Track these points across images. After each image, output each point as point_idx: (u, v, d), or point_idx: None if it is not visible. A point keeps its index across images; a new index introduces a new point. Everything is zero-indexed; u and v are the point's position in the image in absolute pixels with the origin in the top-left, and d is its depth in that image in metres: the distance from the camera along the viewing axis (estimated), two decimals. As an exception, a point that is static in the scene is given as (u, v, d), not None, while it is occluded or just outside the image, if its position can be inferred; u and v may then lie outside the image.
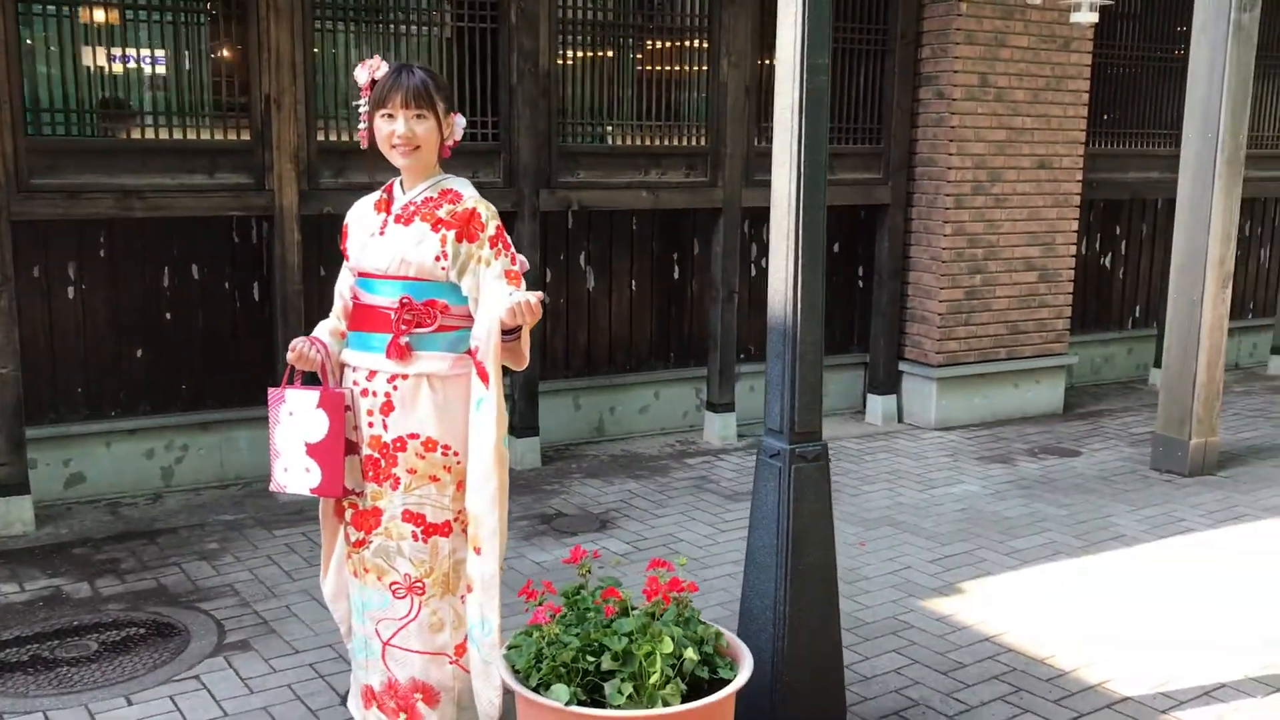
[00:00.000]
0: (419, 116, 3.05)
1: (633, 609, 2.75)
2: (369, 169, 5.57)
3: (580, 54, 6.17)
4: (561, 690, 2.59)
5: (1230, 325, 8.70)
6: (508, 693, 2.87)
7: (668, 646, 2.61)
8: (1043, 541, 5.15)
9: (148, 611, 4.34)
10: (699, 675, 2.71)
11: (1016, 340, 7.39)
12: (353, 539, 3.20)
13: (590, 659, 2.65)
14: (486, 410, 3.00)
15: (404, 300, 3.03)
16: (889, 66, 7.00)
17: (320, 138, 5.53)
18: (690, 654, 2.65)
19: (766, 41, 6.61)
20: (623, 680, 2.61)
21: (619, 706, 2.56)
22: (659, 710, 2.57)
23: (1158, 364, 8.57)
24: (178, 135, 5.28)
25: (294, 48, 5.36)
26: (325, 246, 5.83)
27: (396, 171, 3.21)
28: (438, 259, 3.02)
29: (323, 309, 5.73)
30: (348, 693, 3.69)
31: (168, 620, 4.26)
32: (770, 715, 3.00)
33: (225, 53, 5.36)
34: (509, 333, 2.94)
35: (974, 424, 7.27)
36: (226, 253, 5.74)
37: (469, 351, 3.06)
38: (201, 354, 5.75)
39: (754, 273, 7.05)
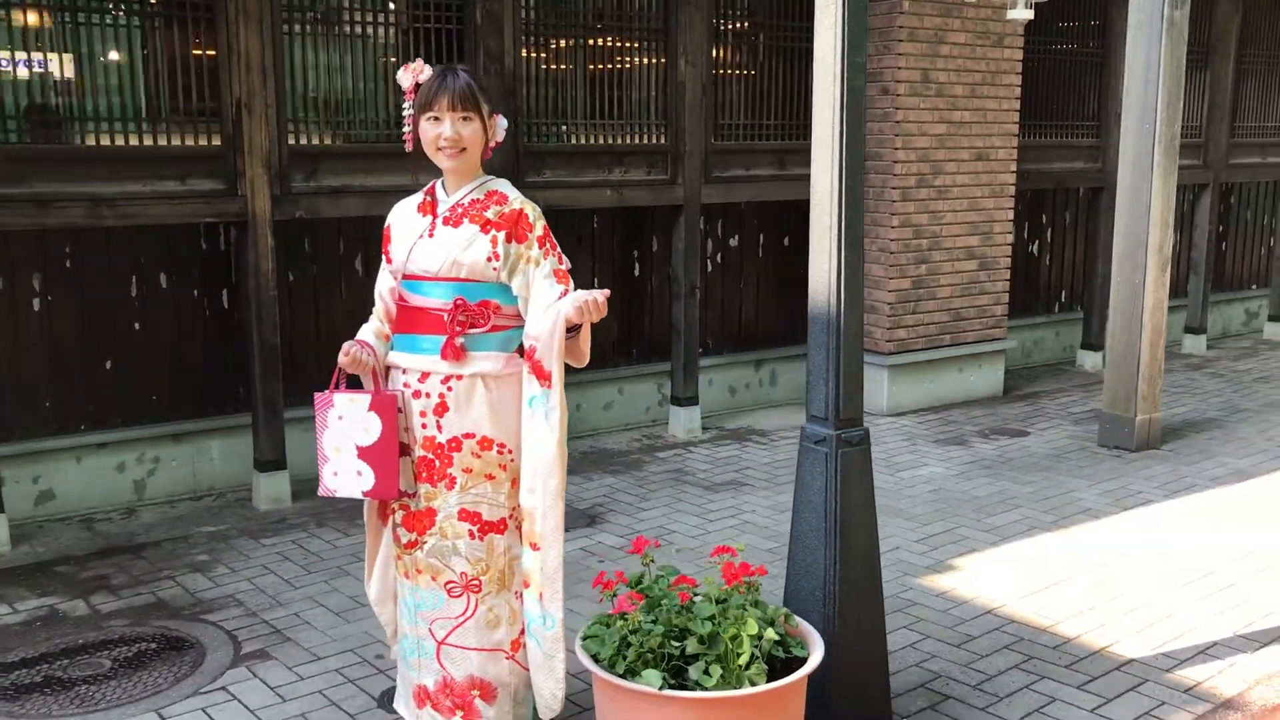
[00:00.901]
0: (465, 119, 3.08)
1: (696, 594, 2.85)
2: (341, 172, 5.59)
3: (543, 55, 6.21)
4: (653, 675, 2.66)
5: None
6: (576, 680, 2.94)
7: (752, 628, 2.71)
8: (1017, 518, 5.38)
9: (153, 626, 4.27)
10: (774, 655, 2.81)
11: (960, 327, 7.66)
12: (404, 540, 3.22)
13: (674, 644, 2.73)
14: (542, 407, 3.05)
15: (458, 302, 3.07)
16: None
17: (291, 141, 5.47)
18: (770, 634, 2.75)
19: (721, 41, 6.74)
20: (709, 663, 2.70)
21: (710, 688, 2.64)
22: (748, 690, 2.66)
23: (1085, 346, 8.98)
24: (148, 142, 5.17)
25: (263, 51, 5.29)
26: (292, 252, 5.78)
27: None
28: (489, 260, 3.06)
29: (293, 314, 5.73)
30: (384, 694, 3.72)
31: (177, 634, 4.20)
32: (824, 690, 3.11)
33: (195, 57, 5.27)
34: (569, 330, 3.00)
35: (923, 408, 7.51)
36: (194, 260, 5.64)
37: (521, 350, 3.11)
38: (171, 364, 5.64)
39: (709, 268, 7.18)
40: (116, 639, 4.16)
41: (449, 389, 3.10)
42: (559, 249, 3.16)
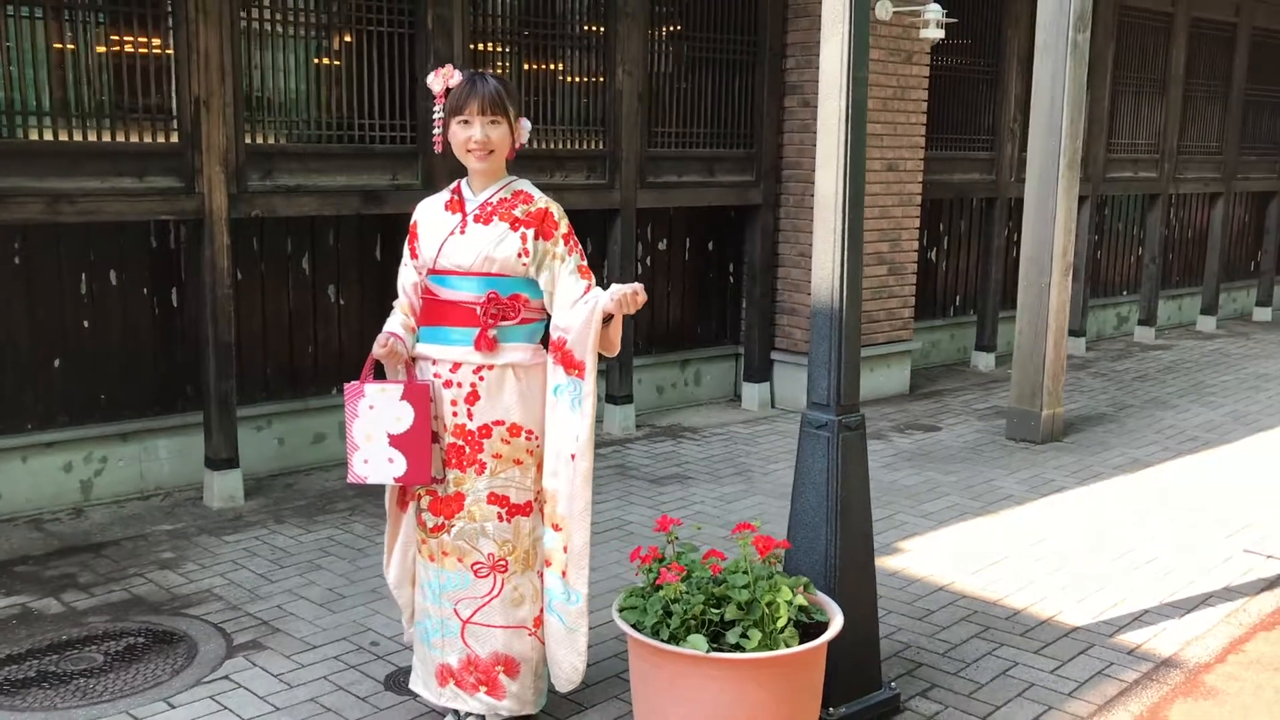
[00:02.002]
0: (493, 122, 3.24)
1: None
2: (296, 171, 5.64)
3: (490, 61, 6.34)
4: (699, 639, 2.87)
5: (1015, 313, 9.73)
6: (591, 652, 3.12)
7: (787, 595, 2.94)
8: (947, 504, 5.75)
9: (135, 621, 4.28)
10: (800, 620, 3.05)
11: (871, 329, 8.05)
12: (431, 525, 3.35)
13: (714, 611, 2.94)
14: (568, 395, 3.23)
15: (491, 295, 3.22)
16: (759, 77, 7.50)
17: (248, 140, 5.50)
18: (800, 600, 2.99)
19: (656, 52, 6.98)
20: (747, 627, 2.92)
21: (751, 650, 2.87)
22: (785, 651, 2.89)
23: (979, 347, 9.51)
24: (107, 138, 5.14)
25: (222, 49, 5.32)
26: (241, 250, 5.79)
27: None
28: (520, 255, 3.23)
29: (241, 312, 5.73)
30: (389, 678, 3.83)
31: (162, 628, 4.22)
32: (827, 658, 3.36)
33: (154, 53, 5.26)
34: (605, 321, 3.19)
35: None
36: (144, 258, 5.62)
37: (549, 341, 3.29)
38: (120, 362, 5.60)
39: (640, 271, 7.40)
40: (100, 634, 4.16)
41: (480, 378, 3.26)
42: (580, 246, 3.35)
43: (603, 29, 6.72)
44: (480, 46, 6.27)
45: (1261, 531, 5.39)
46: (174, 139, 5.30)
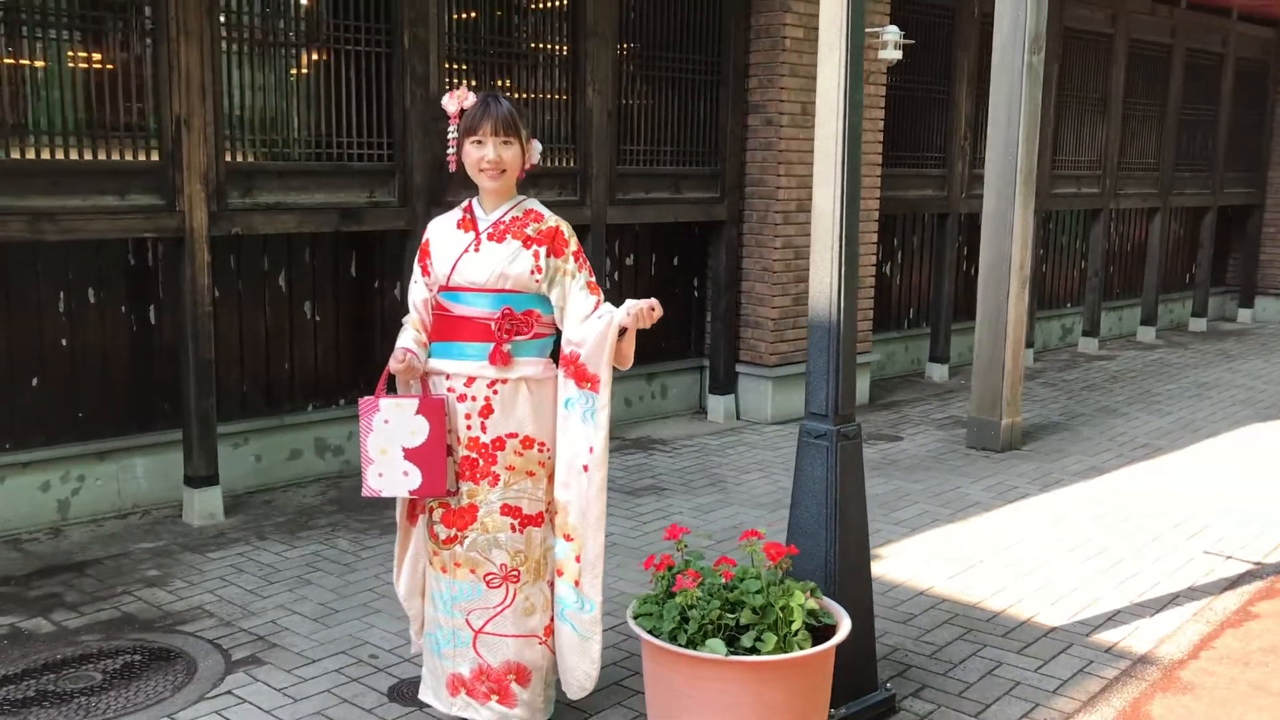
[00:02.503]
0: (506, 143, 3.33)
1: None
2: (276, 189, 5.67)
3: (464, 80, 6.42)
4: (717, 644, 2.97)
5: (968, 324, 9.99)
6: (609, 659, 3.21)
7: (799, 599, 3.05)
8: (918, 512, 5.91)
9: (129, 639, 4.28)
10: (809, 624, 3.16)
11: (833, 341, 8.21)
12: (443, 536, 3.42)
13: (730, 616, 3.04)
14: (579, 408, 3.32)
15: (506, 311, 3.31)
16: (723, 96, 7.65)
17: (228, 158, 5.52)
18: (811, 604, 3.10)
19: (624, 71, 7.10)
20: (761, 631, 3.03)
21: (768, 652, 2.97)
22: (799, 653, 3.00)
23: (932, 359, 9.73)
24: (89, 156, 5.13)
25: (203, 69, 5.34)
26: (219, 268, 5.80)
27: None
28: (533, 272, 3.32)
29: (219, 330, 5.73)
30: (393, 689, 3.88)
31: (158, 645, 4.23)
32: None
33: (136, 72, 5.26)
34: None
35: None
36: (123, 276, 5.61)
37: (560, 356, 3.38)
38: (98, 380, 5.58)
39: (608, 286, 7.50)
40: (95, 653, 4.16)
41: (495, 392, 3.34)
42: (589, 263, 3.45)
43: (573, 48, 6.82)
44: (456, 65, 6.34)
45: (1218, 533, 5.62)
46: (155, 157, 5.31)
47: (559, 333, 3.44)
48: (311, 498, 6.00)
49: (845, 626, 3.19)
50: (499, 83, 6.57)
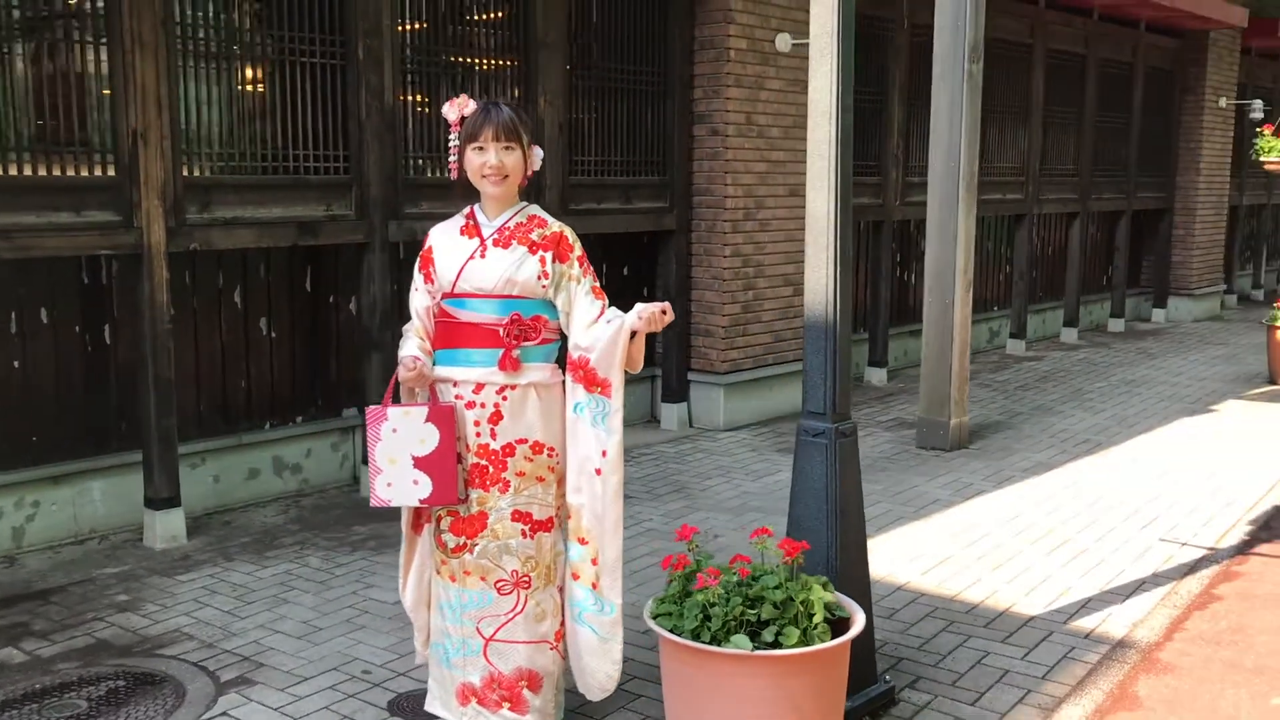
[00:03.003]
0: (507, 149, 3.34)
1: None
2: (233, 204, 5.58)
3: (417, 94, 6.39)
4: (743, 639, 3.00)
5: (906, 328, 10.21)
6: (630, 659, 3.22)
7: (819, 593, 3.10)
8: (882, 510, 6.02)
9: (109, 665, 4.16)
10: (825, 617, 3.21)
11: (781, 347, 8.33)
12: (452, 545, 3.40)
13: (752, 612, 3.08)
14: (589, 412, 3.34)
15: (514, 317, 3.31)
16: (669, 107, 7.73)
17: (185, 173, 5.41)
18: (829, 597, 3.15)
19: (574, 82, 7.12)
20: (783, 625, 3.07)
21: (792, 646, 3.01)
22: (822, 645, 3.05)
23: (871, 363, 9.90)
24: (42, 172, 5.00)
25: (159, 80, 5.24)
26: (174, 285, 5.67)
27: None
28: (540, 278, 3.33)
29: (182, 347, 5.62)
30: (393, 703, 3.84)
31: (141, 670, 4.12)
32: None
33: (91, 85, 5.14)
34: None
35: (754, 423, 8.12)
36: (76, 295, 5.47)
37: (568, 361, 3.39)
38: (52, 402, 5.43)
39: (560, 297, 7.50)
40: (75, 681, 4.04)
41: (504, 398, 3.33)
42: (593, 269, 3.47)
43: (524, 60, 6.83)
44: (410, 77, 6.31)
45: (1169, 522, 5.81)
46: (111, 172, 5.19)
47: (563, 338, 3.45)
48: (273, 517, 5.89)
49: (860, 618, 3.24)
50: (448, 96, 6.54)
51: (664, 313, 3.22)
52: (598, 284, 3.44)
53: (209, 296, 5.91)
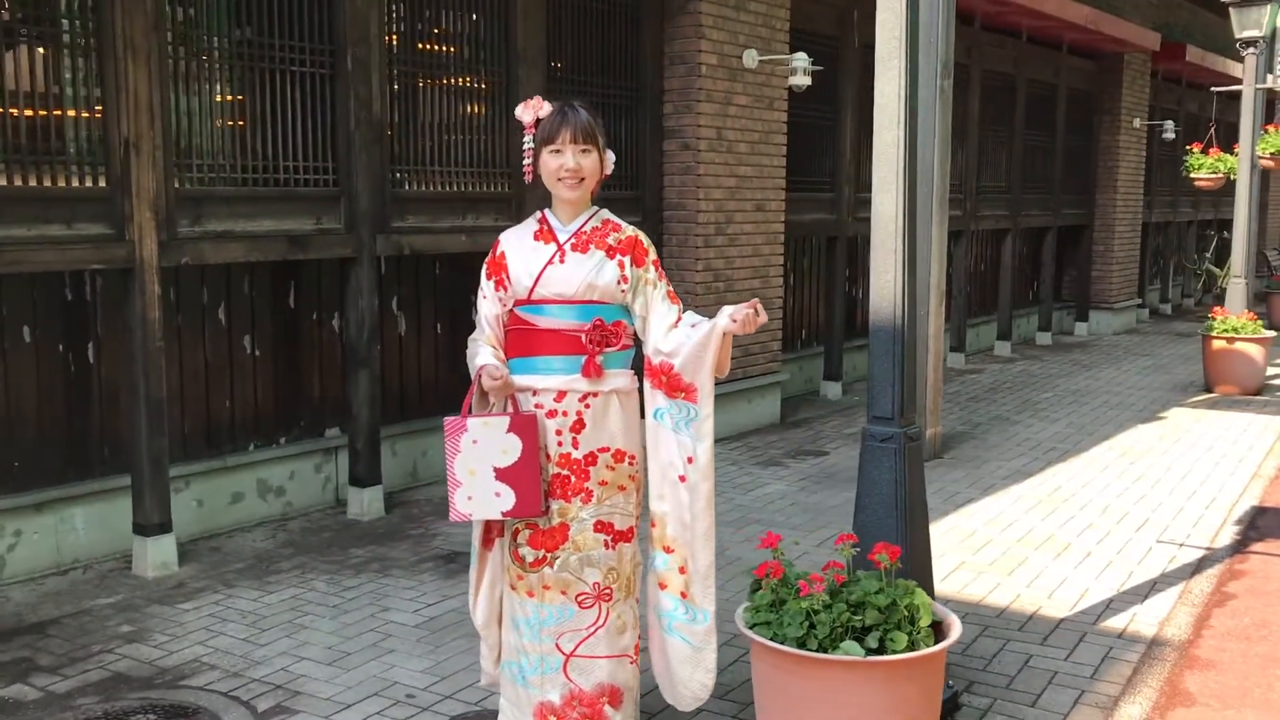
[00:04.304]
0: (584, 151, 3.29)
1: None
2: (224, 216, 5.39)
3: (405, 104, 6.25)
4: (854, 646, 2.97)
5: (859, 343, 10.34)
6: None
7: (923, 598, 3.09)
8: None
9: (133, 700, 3.95)
10: (918, 621, 3.20)
11: (748, 362, 8.35)
12: (530, 559, 3.30)
13: (857, 618, 3.05)
14: (670, 419, 3.28)
15: (597, 322, 3.24)
16: (641, 121, 7.71)
17: (176, 184, 5.21)
18: (928, 601, 3.14)
19: (552, 97, 7.03)
20: (887, 630, 3.04)
21: (901, 650, 2.99)
22: (930, 649, 3.04)
23: (827, 377, 9.99)
24: (33, 183, 4.75)
25: (151, 89, 5.03)
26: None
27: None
28: (619, 283, 3.27)
29: (167, 367, 5.38)
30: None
31: (169, 702, 3.92)
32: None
33: (81, 93, 4.91)
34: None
35: (725, 437, 8.10)
36: (60, 312, 5.21)
37: (648, 366, 3.33)
38: (34, 426, 5.15)
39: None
40: (101, 716, 3.83)
41: (586, 406, 3.25)
42: (665, 273, 3.41)
43: (505, 72, 6.74)
44: (396, 89, 6.18)
45: (1160, 524, 5.96)
46: (102, 183, 4.96)
47: (639, 343, 3.39)
48: (262, 542, 5.68)
49: (956, 622, 3.24)
50: (444, 108, 6.43)
51: (756, 314, 3.18)
52: (672, 288, 3.38)
53: (193, 313, 5.69)
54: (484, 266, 3.42)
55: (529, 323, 3.29)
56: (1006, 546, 5.58)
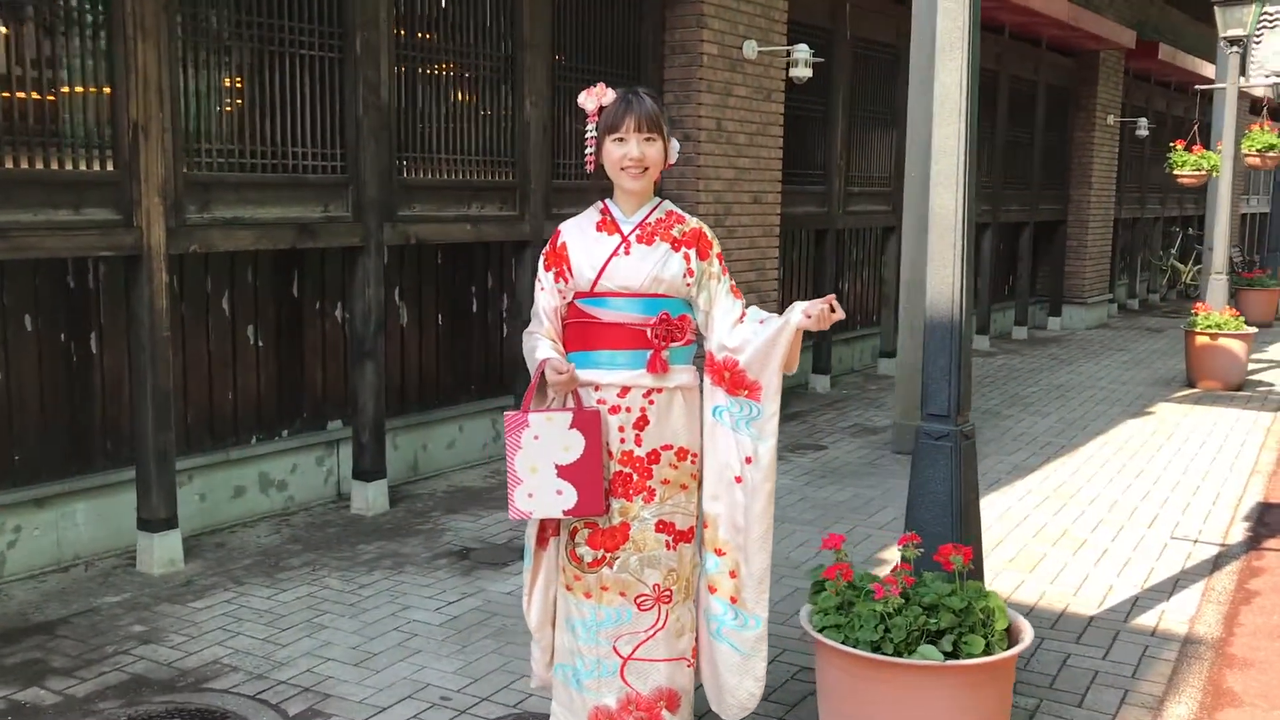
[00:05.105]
0: (649, 140, 3.19)
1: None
2: (233, 203, 5.23)
3: (413, 89, 6.11)
4: (932, 650, 2.91)
5: (847, 335, 10.34)
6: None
7: (998, 600, 3.03)
8: (891, 516, 6.01)
9: (157, 703, 3.81)
10: (984, 623, 3.14)
11: (743, 355, 8.27)
12: (589, 559, 3.21)
13: (932, 621, 2.99)
14: (733, 418, 3.21)
15: (663, 316, 3.15)
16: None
17: (184, 169, 5.04)
18: (1002, 604, 3.09)
19: (556, 85, 6.93)
20: (963, 633, 2.99)
21: (979, 654, 2.93)
22: (1006, 653, 2.99)
23: (815, 370, 9.96)
24: (40, 165, 4.57)
25: (160, 70, 4.86)
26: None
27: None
28: (685, 275, 3.19)
29: (181, 357, 5.24)
30: (497, 731, 3.61)
31: (196, 706, 3.79)
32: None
33: (91, 73, 4.73)
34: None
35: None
36: (63, 301, 5.03)
37: (710, 363, 3.24)
38: (36, 419, 4.97)
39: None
40: (127, 721, 3.69)
41: (651, 402, 3.17)
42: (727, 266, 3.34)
43: (511, 60, 6.61)
44: (405, 74, 6.03)
45: (1170, 520, 5.97)
46: (111, 167, 4.78)
47: (700, 338, 3.31)
48: (267, 537, 5.53)
49: (1026, 626, 3.19)
50: (450, 94, 6.29)
51: (832, 309, 3.10)
52: (734, 282, 3.31)
53: (197, 303, 5.53)
54: (541, 258, 3.31)
55: (591, 316, 3.20)
56: (1022, 543, 5.57)
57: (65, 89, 4.67)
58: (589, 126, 3.22)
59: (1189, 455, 7.47)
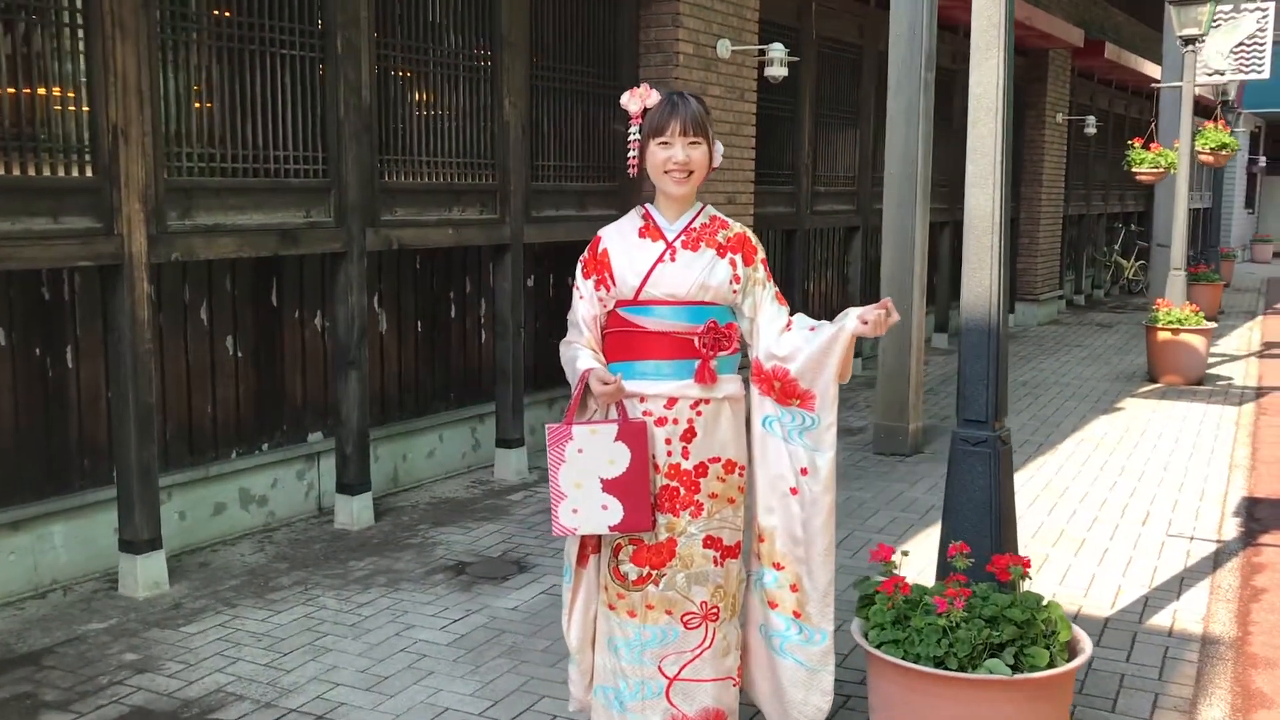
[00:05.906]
0: (694, 144, 3.09)
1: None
2: (214, 209, 5.03)
3: (394, 91, 5.93)
4: (999, 664, 2.83)
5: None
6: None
7: (1057, 611, 2.97)
8: (887, 519, 5.96)
9: (163, 736, 3.62)
10: (1037, 634, 3.08)
11: (720, 357, 8.18)
12: (633, 577, 3.10)
13: (995, 634, 2.91)
14: (784, 428, 3.14)
15: (711, 324, 3.05)
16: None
17: (165, 175, 4.82)
18: (1063, 615, 3.02)
19: (534, 84, 6.78)
20: (1024, 645, 2.91)
21: (1044, 667, 2.86)
22: (1069, 665, 2.92)
23: (785, 372, 9.88)
24: (17, 172, 4.34)
25: (140, 71, 4.65)
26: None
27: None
28: (732, 282, 3.09)
29: (160, 370, 5.01)
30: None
31: (206, 739, 3.60)
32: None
33: (69, 74, 4.50)
34: None
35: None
36: (38, 312, 4.79)
37: (758, 371, 3.15)
38: (10, 437, 4.73)
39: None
40: (133, 757, 3.49)
41: (699, 413, 3.06)
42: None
43: (490, 58, 6.45)
44: (386, 75, 5.85)
45: (1162, 517, 5.99)
46: (89, 173, 4.56)
47: (745, 347, 3.21)
48: (252, 555, 5.32)
49: (1084, 636, 3.13)
50: (420, 95, 6.12)
51: (888, 315, 3.02)
52: (778, 289, 3.21)
53: (173, 313, 5.31)
54: (579, 265, 3.19)
55: (635, 325, 3.08)
56: (1022, 543, 5.52)
57: (41, 90, 4.43)
58: (631, 129, 3.11)
59: (1166, 451, 7.53)
